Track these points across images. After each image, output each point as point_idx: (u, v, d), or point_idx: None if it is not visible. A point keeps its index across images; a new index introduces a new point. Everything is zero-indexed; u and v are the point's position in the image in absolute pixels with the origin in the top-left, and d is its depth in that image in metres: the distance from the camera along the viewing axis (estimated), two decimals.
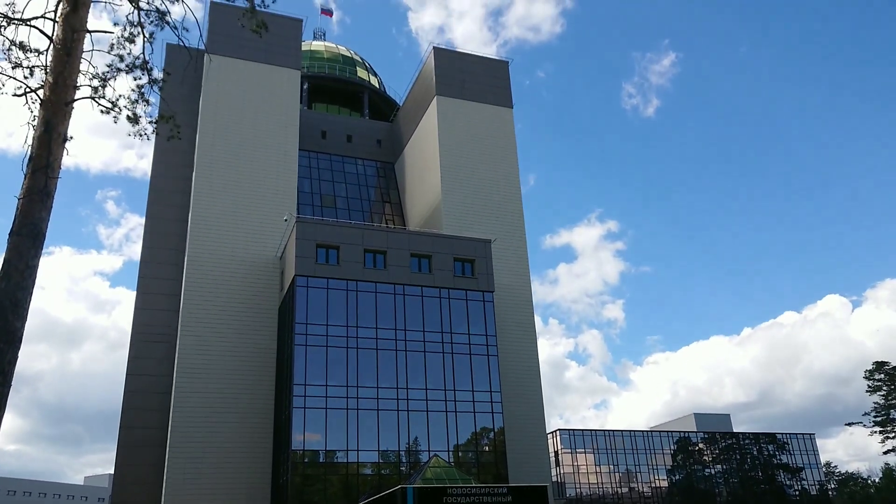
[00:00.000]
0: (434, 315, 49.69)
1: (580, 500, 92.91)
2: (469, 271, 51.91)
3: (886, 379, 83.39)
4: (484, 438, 48.46)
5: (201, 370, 48.71)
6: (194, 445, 46.53)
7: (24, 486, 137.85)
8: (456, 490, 35.04)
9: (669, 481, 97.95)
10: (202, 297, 50.87)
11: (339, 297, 48.12)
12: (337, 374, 46.10)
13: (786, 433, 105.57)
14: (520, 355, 55.36)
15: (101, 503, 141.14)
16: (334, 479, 44.89)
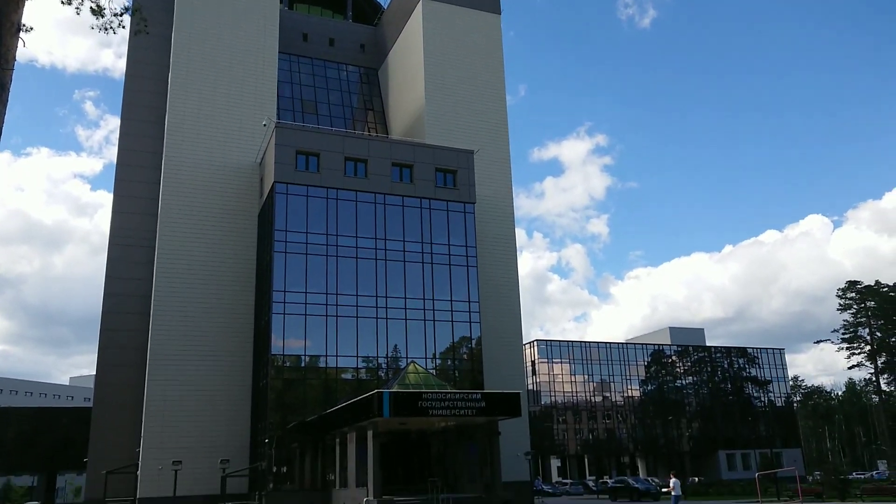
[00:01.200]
0: (414, 225, 49.58)
1: (555, 407, 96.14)
2: (451, 182, 51.48)
3: (858, 298, 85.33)
4: (461, 347, 49.36)
5: (180, 275, 48.66)
6: (175, 349, 47.02)
7: (11, 385, 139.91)
8: (431, 395, 35.86)
9: (642, 392, 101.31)
10: (180, 202, 50.25)
11: (319, 205, 47.73)
12: (316, 281, 46.26)
13: (756, 348, 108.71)
14: (499, 267, 55.74)
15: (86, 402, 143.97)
16: (313, 383, 45.80)
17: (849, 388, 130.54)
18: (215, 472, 44.18)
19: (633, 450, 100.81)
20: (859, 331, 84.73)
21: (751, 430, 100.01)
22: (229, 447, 46.26)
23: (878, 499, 40.41)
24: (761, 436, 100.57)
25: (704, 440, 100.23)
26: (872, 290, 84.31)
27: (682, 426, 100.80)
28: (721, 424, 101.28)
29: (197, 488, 44.50)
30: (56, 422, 72.07)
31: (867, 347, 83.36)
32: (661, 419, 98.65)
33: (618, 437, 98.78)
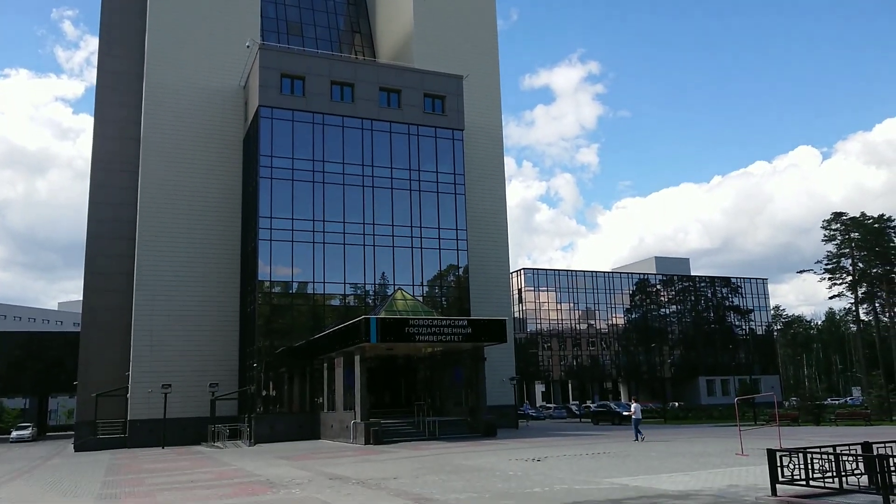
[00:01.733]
0: (402, 151, 48.98)
1: (540, 335, 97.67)
2: (439, 108, 50.61)
3: (842, 229, 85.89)
4: (449, 275, 49.59)
5: (165, 200, 48.11)
6: (161, 274, 46.92)
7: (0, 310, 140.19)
8: (418, 321, 36.17)
9: (626, 320, 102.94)
10: (162, 126, 49.18)
11: (305, 130, 46.92)
12: (303, 207, 45.90)
13: (740, 277, 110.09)
14: (487, 195, 55.45)
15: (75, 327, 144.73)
16: (301, 309, 46.04)
17: (828, 317, 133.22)
18: (205, 396, 44.96)
19: (615, 376, 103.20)
20: (842, 262, 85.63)
21: (731, 357, 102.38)
22: (218, 371, 46.83)
23: (850, 423, 41.71)
24: (741, 363, 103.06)
25: (686, 367, 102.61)
26: (857, 222, 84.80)
27: (664, 353, 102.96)
28: (702, 352, 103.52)
29: (187, 411, 45.25)
30: (46, 346, 72.58)
31: (848, 278, 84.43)
32: (643, 346, 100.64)
33: (601, 363, 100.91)
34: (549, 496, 14.32)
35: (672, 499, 13.24)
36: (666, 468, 18.70)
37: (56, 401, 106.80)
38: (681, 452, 23.70)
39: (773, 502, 12.19)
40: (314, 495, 16.07)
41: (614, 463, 20.75)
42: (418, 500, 14.63)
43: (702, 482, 15.51)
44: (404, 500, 14.72)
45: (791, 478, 12.41)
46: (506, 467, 20.59)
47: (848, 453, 12.43)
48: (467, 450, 28.29)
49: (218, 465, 26.80)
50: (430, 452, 27.67)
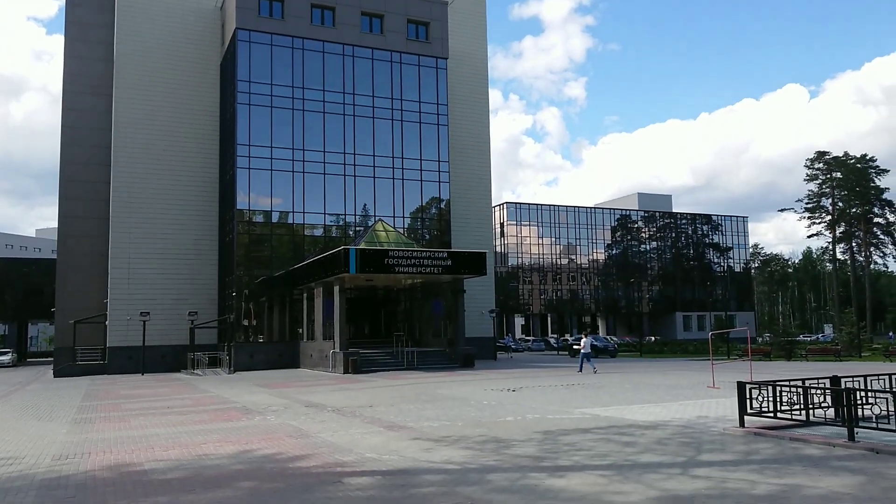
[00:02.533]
0: (384, 79, 47.85)
1: (521, 268, 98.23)
2: (423, 35, 49.25)
3: (824, 168, 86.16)
4: (430, 207, 49.25)
5: (140, 125, 46.90)
6: (137, 201, 46.15)
7: None
8: (397, 252, 36.04)
9: (607, 255, 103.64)
10: (137, 48, 47.52)
11: (285, 55, 45.56)
12: (282, 135, 44.99)
13: (720, 215, 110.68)
14: (471, 127, 54.55)
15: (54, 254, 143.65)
16: (280, 239, 45.71)
17: (806, 256, 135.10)
18: (184, 324, 44.89)
19: (594, 310, 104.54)
20: (822, 201, 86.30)
21: (708, 293, 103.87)
22: (198, 300, 46.70)
23: (821, 359, 42.65)
24: (717, 299, 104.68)
25: (663, 302, 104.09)
26: (840, 161, 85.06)
27: (643, 289, 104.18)
28: (680, 288, 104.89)
29: (166, 339, 45.29)
30: (24, 273, 72.04)
31: (827, 217, 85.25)
32: (623, 282, 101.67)
33: (581, 298, 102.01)
34: (520, 424, 14.45)
35: (641, 429, 13.40)
36: (638, 399, 18.96)
37: (36, 327, 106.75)
38: (653, 384, 24.07)
39: (740, 433, 12.35)
40: (289, 422, 16.14)
41: (587, 394, 21.03)
42: (392, 427, 14.73)
43: (672, 413, 15.72)
44: (378, 427, 14.81)
45: (759, 410, 12.56)
46: (480, 397, 20.81)
47: (816, 387, 12.57)
48: (444, 380, 28.60)
49: (195, 392, 26.92)
50: (407, 382, 27.94)
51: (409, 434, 13.64)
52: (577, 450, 11.24)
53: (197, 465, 10.83)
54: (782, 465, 9.55)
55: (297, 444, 12.69)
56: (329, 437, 13.43)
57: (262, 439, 13.47)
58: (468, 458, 10.83)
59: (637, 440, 12.06)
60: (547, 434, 13.03)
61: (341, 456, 11.29)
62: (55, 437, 14.81)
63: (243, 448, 12.49)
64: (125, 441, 13.91)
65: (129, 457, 11.90)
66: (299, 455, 11.52)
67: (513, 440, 12.47)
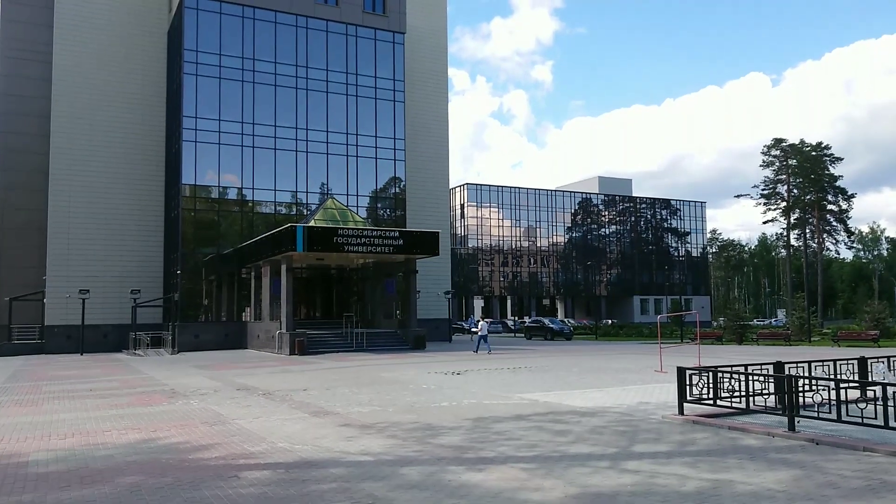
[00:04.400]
0: (339, 53, 46.46)
1: (481, 250, 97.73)
2: (380, 8, 47.92)
3: (781, 155, 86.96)
4: (385, 185, 48.17)
5: (81, 93, 44.85)
6: (77, 173, 44.24)
7: None
8: (347, 231, 35.00)
9: (567, 238, 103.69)
10: (78, 10, 45.34)
11: (235, 24, 43.85)
12: (231, 108, 43.43)
13: (679, 200, 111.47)
14: (429, 105, 53.49)
15: None
16: (228, 215, 44.27)
17: (761, 242, 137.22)
18: (127, 303, 43.26)
19: (553, 293, 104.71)
20: (778, 187, 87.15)
21: (665, 277, 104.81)
22: (142, 278, 45.08)
23: (770, 343, 42.90)
24: (675, 283, 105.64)
25: (622, 286, 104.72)
26: (796, 149, 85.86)
27: (602, 272, 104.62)
28: (638, 272, 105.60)
29: (107, 318, 43.73)
30: None
31: (783, 204, 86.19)
32: (582, 265, 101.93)
33: (540, 280, 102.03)
34: (453, 411, 13.71)
35: (578, 415, 12.76)
36: (582, 384, 18.39)
37: None
38: (602, 368, 23.59)
39: (678, 421, 11.77)
40: (211, 406, 15.16)
41: (532, 378, 20.41)
42: (319, 413, 13.87)
43: (614, 399, 15.14)
44: (304, 413, 13.93)
45: (699, 397, 11.99)
46: (422, 380, 20.04)
47: (759, 373, 12.03)
48: (391, 362, 27.80)
49: (128, 374, 25.68)
50: (353, 364, 27.08)
51: (334, 421, 12.79)
52: (505, 439, 10.51)
53: (87, 456, 9.83)
54: (717, 458, 8.94)
55: (208, 433, 11.75)
56: (246, 425, 12.51)
57: (173, 426, 12.49)
58: (388, 448, 10.03)
59: (572, 428, 11.39)
60: (478, 421, 12.30)
61: (251, 446, 10.39)
62: None
63: (148, 436, 11.50)
64: (25, 427, 12.81)
65: (17, 446, 10.83)
66: (206, 444, 10.59)
67: (442, 427, 11.71)
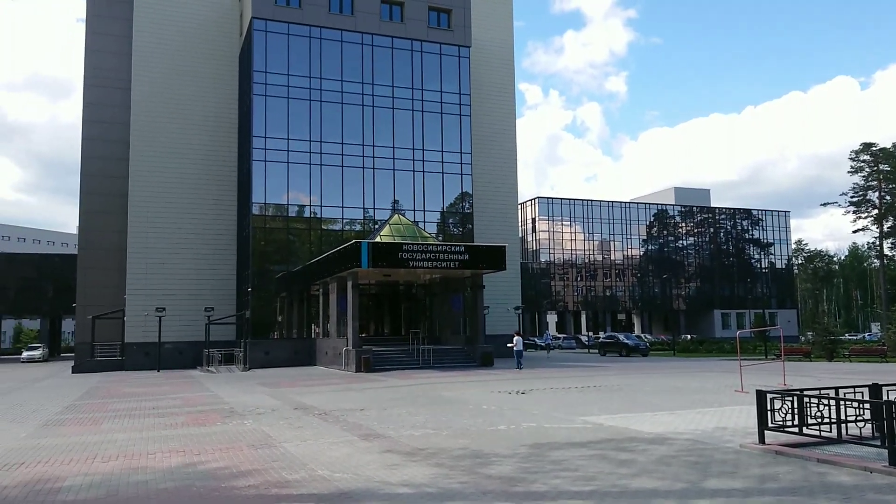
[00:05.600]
0: (405, 69, 46.42)
1: (554, 265, 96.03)
2: (445, 22, 47.71)
3: (871, 160, 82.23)
4: (452, 200, 47.67)
5: (158, 119, 46.35)
6: (155, 195, 45.64)
7: (19, 232, 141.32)
8: (411, 246, 34.54)
9: (643, 251, 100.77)
10: (155, 39, 46.96)
11: (302, 45, 44.44)
12: (299, 127, 43.91)
13: (761, 210, 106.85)
14: (496, 118, 52.89)
15: None
16: (297, 233, 44.65)
17: (852, 252, 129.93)
18: (201, 320, 44.12)
19: (629, 307, 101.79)
20: (868, 194, 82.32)
21: (748, 291, 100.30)
22: (215, 296, 45.93)
23: (863, 359, 39.99)
24: (758, 297, 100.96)
25: (701, 299, 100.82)
26: (887, 153, 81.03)
27: (680, 286, 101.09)
28: (719, 285, 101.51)
29: (183, 335, 44.65)
30: (58, 268, 72.35)
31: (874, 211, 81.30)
32: (659, 278, 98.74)
33: (615, 294, 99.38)
34: (509, 435, 12.85)
35: (645, 443, 11.68)
36: (653, 405, 17.16)
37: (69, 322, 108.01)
38: (676, 388, 22.17)
39: (758, 451, 10.57)
40: (262, 427, 14.79)
41: (600, 398, 19.28)
42: (369, 436, 13.26)
43: (686, 423, 13.94)
44: (353, 435, 13.35)
45: (782, 424, 10.75)
46: (483, 400, 19.21)
47: (852, 398, 10.68)
48: (455, 380, 27.06)
49: (195, 391, 25.84)
50: (417, 382, 26.47)
51: (382, 445, 12.14)
52: (561, 470, 9.60)
53: (122, 483, 9.49)
54: (804, 499, 7.81)
55: (251, 457, 11.29)
56: (292, 448, 12.01)
57: (219, 449, 12.12)
58: (431, 478, 9.29)
59: (636, 458, 10.36)
60: (535, 448, 11.41)
61: (289, 473, 9.83)
62: (5, 444, 13.67)
63: (190, 460, 11.13)
64: (75, 448, 12.69)
65: (58, 469, 10.63)
66: (244, 471, 10.11)
67: (494, 455, 10.88)
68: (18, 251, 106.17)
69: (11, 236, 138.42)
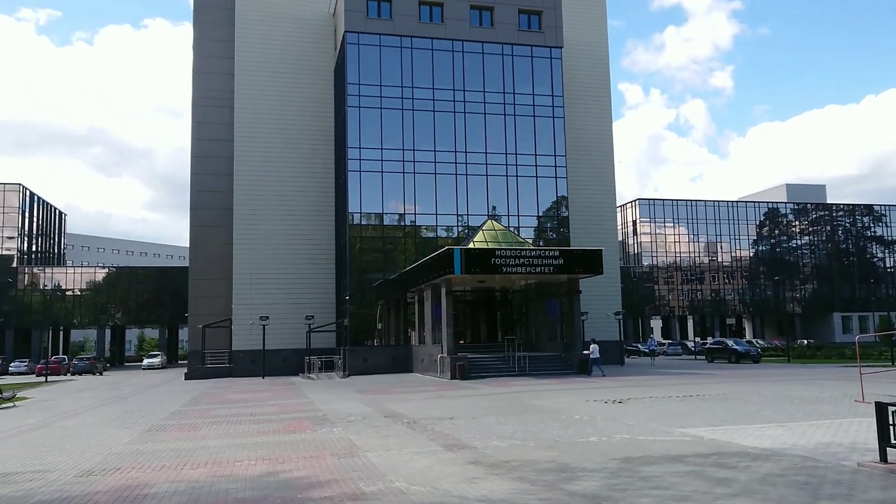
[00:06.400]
0: (496, 73, 46.12)
1: (657, 268, 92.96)
2: (535, 25, 47.07)
3: None
4: (547, 204, 46.86)
5: (259, 134, 48.07)
6: (257, 208, 47.31)
7: (142, 247, 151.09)
8: (505, 252, 34.08)
9: (753, 252, 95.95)
10: (255, 59, 48.82)
11: (393, 56, 44.97)
12: (392, 137, 44.40)
13: (885, 205, 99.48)
14: (591, 119, 51.73)
15: None
16: (392, 241, 45.09)
17: None
18: (303, 328, 45.32)
19: (740, 311, 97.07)
20: None
21: (871, 292, 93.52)
22: (315, 304, 47.07)
23: None
24: (882, 298, 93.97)
25: (818, 302, 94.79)
26: None
27: (794, 288, 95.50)
28: (838, 286, 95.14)
29: (286, 342, 45.93)
30: (175, 280, 76.58)
31: None
32: (771, 280, 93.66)
33: (724, 298, 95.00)
34: (600, 448, 12.19)
35: (749, 459, 10.76)
36: (760, 417, 15.96)
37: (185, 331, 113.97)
38: (788, 397, 20.63)
39: (879, 471, 9.49)
40: (350, 436, 14.76)
41: (702, 408, 18.16)
42: (454, 446, 12.94)
43: (797, 437, 12.81)
44: (438, 445, 13.08)
45: None
46: (576, 410, 18.51)
47: None
48: (550, 388, 26.36)
49: (292, 398, 26.38)
50: (510, 390, 25.98)
51: (465, 457, 11.79)
52: (652, 488, 8.93)
53: (204, 491, 9.58)
54: None
55: (332, 466, 11.20)
56: (374, 458, 11.85)
57: (303, 458, 12.13)
58: (510, 493, 8.84)
59: (737, 476, 9.52)
60: (626, 462, 10.73)
61: (366, 485, 9.64)
62: (110, 448, 14.26)
63: (274, 469, 11.16)
64: (169, 454, 13.06)
65: (149, 475, 10.89)
66: (322, 481, 10.00)
67: (581, 469, 10.30)
68: (142, 265, 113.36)
69: (135, 251, 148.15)
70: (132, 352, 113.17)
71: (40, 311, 74.54)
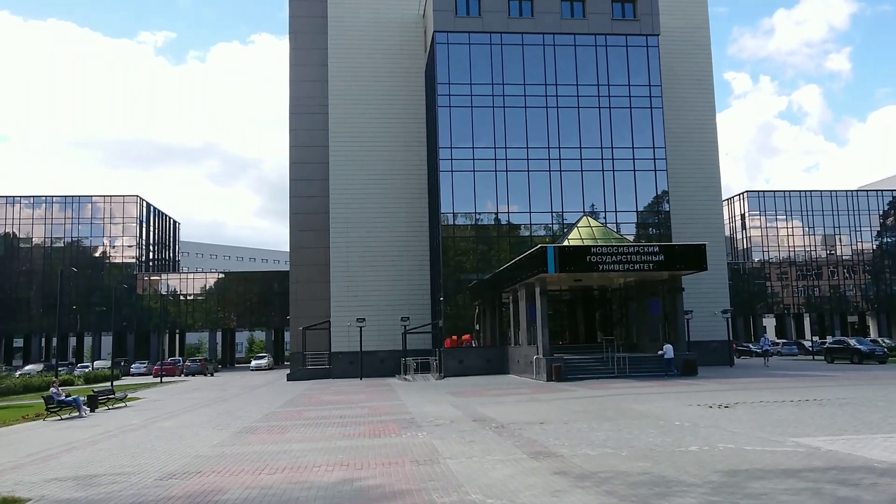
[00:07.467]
0: (589, 65, 44.71)
1: (769, 264, 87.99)
2: (630, 13, 45.31)
3: None
4: (645, 198, 45.00)
5: (352, 138, 48.55)
6: (352, 211, 47.78)
7: (250, 253, 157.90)
8: (601, 249, 32.80)
9: (877, 244, 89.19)
10: (347, 64, 49.40)
11: (483, 53, 44.41)
12: (483, 135, 43.84)
13: None
14: (692, 108, 49.27)
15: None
16: (486, 241, 44.50)
17: None
18: (399, 329, 45.42)
19: (863, 308, 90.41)
20: None
21: None
22: (411, 305, 47.09)
23: None
24: None
25: None
26: None
27: None
28: None
29: (383, 344, 46.18)
30: (282, 284, 79.18)
31: None
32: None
33: (844, 294, 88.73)
34: (700, 459, 11.11)
35: (875, 475, 9.44)
36: (888, 426, 14.28)
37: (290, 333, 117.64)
38: None
39: None
40: (433, 440, 14.27)
41: (820, 415, 16.52)
42: (540, 454, 12.18)
43: None
44: (523, 452, 12.35)
45: None
46: (676, 415, 17.28)
47: None
48: (650, 391, 25.00)
49: (384, 400, 26.24)
50: (607, 393, 24.82)
51: (551, 466, 11.01)
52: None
53: (277, 498, 9.30)
54: None
55: (410, 474, 10.70)
56: (454, 466, 11.27)
57: (382, 464, 11.71)
58: None
59: (860, 495, 8.31)
60: (729, 476, 9.65)
61: (440, 496, 9.07)
62: (198, 450, 14.38)
63: (350, 475, 10.79)
64: (251, 458, 12.98)
65: (226, 480, 10.76)
66: (396, 491, 9.51)
67: (677, 483, 9.33)
68: (251, 270, 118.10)
69: (244, 256, 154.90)
70: (242, 353, 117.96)
71: (157, 316, 78.73)
